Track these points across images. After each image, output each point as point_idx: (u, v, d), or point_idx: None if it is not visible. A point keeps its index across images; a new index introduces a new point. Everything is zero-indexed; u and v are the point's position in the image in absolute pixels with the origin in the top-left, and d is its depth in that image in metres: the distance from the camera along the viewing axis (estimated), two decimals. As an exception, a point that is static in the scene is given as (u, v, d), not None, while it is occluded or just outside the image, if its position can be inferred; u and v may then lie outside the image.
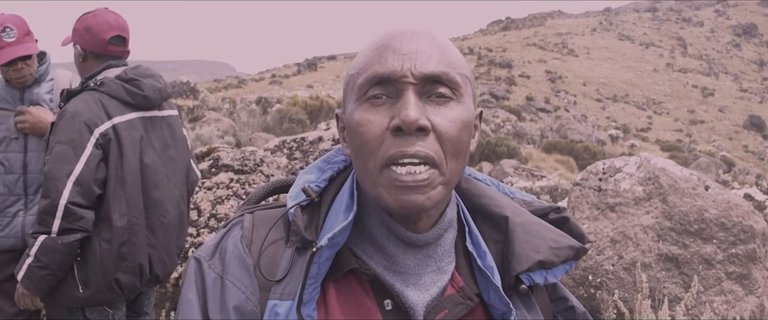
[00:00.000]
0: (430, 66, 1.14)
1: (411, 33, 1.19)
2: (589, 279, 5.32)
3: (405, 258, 1.21)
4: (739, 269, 5.20)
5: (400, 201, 1.11)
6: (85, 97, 3.27)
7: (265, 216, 1.27)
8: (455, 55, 1.21)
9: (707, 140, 49.24)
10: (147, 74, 3.47)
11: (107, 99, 3.29)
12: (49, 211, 3.09)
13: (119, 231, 3.25)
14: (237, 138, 14.73)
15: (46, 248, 3.10)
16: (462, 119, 1.16)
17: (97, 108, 3.24)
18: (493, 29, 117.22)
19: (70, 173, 3.09)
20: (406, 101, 1.11)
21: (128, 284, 3.34)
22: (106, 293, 3.28)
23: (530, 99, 45.64)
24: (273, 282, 1.17)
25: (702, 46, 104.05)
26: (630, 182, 5.56)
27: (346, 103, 1.23)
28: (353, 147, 1.18)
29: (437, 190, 1.13)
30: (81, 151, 3.13)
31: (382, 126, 1.13)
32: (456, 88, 1.16)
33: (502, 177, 15.07)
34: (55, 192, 3.07)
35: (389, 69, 1.14)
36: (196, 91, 22.36)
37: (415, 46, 1.16)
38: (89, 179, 3.12)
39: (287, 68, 76.90)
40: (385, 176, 1.12)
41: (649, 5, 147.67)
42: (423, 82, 1.14)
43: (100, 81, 3.33)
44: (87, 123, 3.17)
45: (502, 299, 1.21)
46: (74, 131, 3.15)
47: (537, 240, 1.26)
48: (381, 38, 1.20)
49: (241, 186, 5.55)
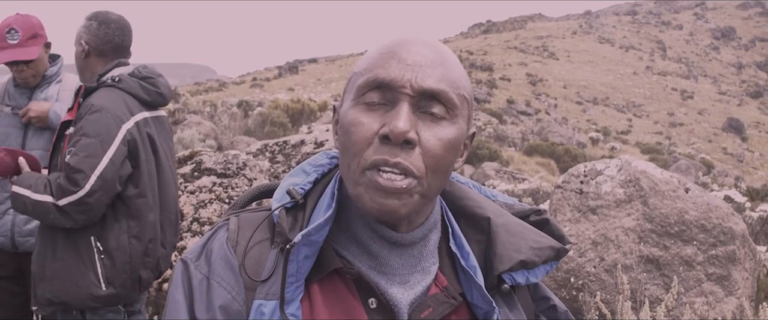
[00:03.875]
0: (430, 81, 1.15)
1: (420, 44, 1.20)
2: (571, 281, 5.35)
3: (390, 258, 1.22)
4: (719, 270, 5.24)
5: (378, 203, 1.13)
6: (108, 94, 3.24)
7: (251, 219, 1.29)
8: (458, 73, 1.21)
9: (687, 142, 49.58)
10: (157, 73, 3.48)
11: (127, 96, 3.28)
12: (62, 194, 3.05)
13: (150, 227, 3.27)
14: (218, 141, 14.69)
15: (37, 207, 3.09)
16: (451, 139, 1.17)
17: (122, 104, 3.23)
18: (474, 32, 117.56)
19: (95, 166, 3.05)
20: (399, 111, 1.13)
21: (147, 281, 3.35)
22: (130, 291, 3.26)
23: (511, 102, 45.78)
24: (258, 282, 1.19)
25: (681, 49, 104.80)
26: (611, 184, 5.60)
27: (345, 99, 1.24)
28: (342, 142, 1.20)
29: (414, 199, 1.15)
30: (108, 145, 3.10)
31: (372, 130, 1.14)
32: (452, 107, 1.17)
33: (484, 180, 15.12)
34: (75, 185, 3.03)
35: (390, 76, 1.15)
36: (177, 95, 22.29)
37: (420, 58, 1.17)
38: (113, 176, 3.10)
39: (268, 71, 76.77)
40: (366, 177, 1.13)
41: (628, 8, 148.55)
42: (420, 96, 1.15)
43: (118, 77, 3.30)
44: (115, 119, 3.15)
45: (485, 298, 1.23)
46: (102, 125, 3.11)
47: (518, 240, 1.28)
48: (390, 43, 1.21)
49: (223, 190, 5.54)
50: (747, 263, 5.45)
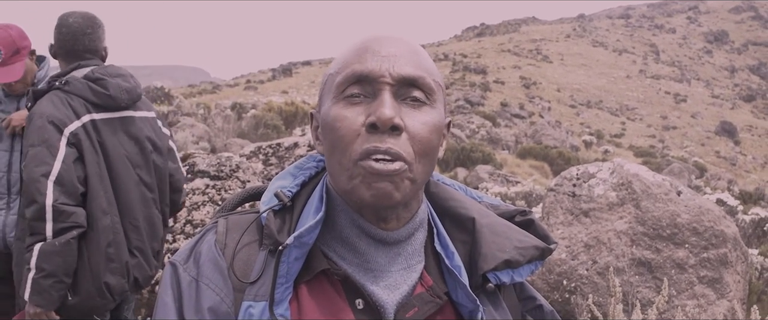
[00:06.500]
0: (407, 69, 1.20)
1: (390, 38, 1.25)
2: (564, 283, 5.35)
3: (376, 256, 1.24)
4: (710, 273, 5.26)
5: (374, 189, 1.15)
6: (51, 97, 3.23)
7: (239, 221, 1.30)
8: (430, 62, 1.27)
9: (680, 146, 49.67)
10: (115, 74, 3.41)
11: (73, 98, 3.25)
12: (37, 217, 3.02)
13: (105, 230, 3.20)
14: (212, 144, 14.66)
15: (46, 254, 3.02)
16: (434, 123, 1.22)
17: (65, 107, 3.20)
18: (468, 35, 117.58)
19: (48, 173, 3.02)
20: (383, 100, 1.17)
21: (117, 286, 3.27)
22: (96, 299, 3.21)
23: (505, 105, 45.77)
24: (247, 283, 1.20)
25: (674, 53, 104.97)
26: (604, 187, 5.61)
27: (322, 102, 1.28)
28: (328, 142, 1.22)
29: (406, 184, 1.17)
30: (55, 150, 3.07)
31: (358, 122, 1.17)
32: (430, 93, 1.23)
33: (478, 182, 15.13)
34: (38, 194, 3.00)
35: (368, 68, 1.19)
36: (170, 97, 22.25)
37: (394, 49, 1.22)
38: (70, 177, 3.07)
39: (262, 73, 76.65)
40: (360, 166, 1.16)
41: (622, 12, 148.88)
42: (399, 84, 1.20)
43: (66, 80, 3.29)
44: (56, 123, 3.13)
45: (470, 297, 1.24)
46: (45, 131, 3.09)
47: (503, 240, 1.30)
48: (361, 41, 1.26)
49: (216, 192, 5.53)
50: (739, 266, 5.47)
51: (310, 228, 1.19)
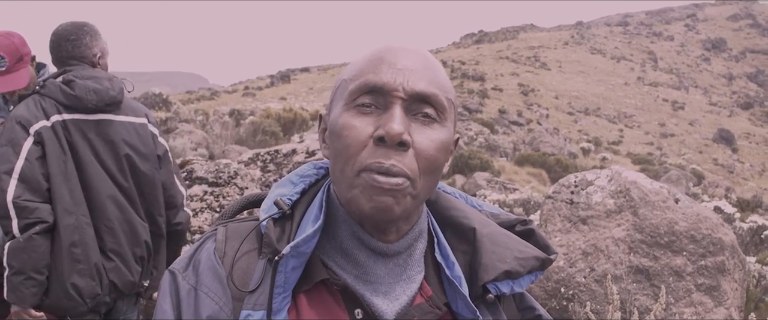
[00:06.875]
0: (421, 85, 1.19)
1: (408, 50, 1.23)
2: (562, 291, 5.35)
3: (375, 268, 1.23)
4: (708, 281, 5.26)
5: (374, 202, 1.14)
6: (27, 101, 3.29)
7: (239, 229, 1.29)
8: (445, 79, 1.25)
9: (677, 153, 49.69)
10: (88, 76, 3.37)
11: (46, 100, 3.29)
12: (3, 214, 3.06)
13: (68, 229, 3.18)
14: (210, 150, 14.65)
15: (13, 251, 3.07)
16: (442, 141, 1.20)
17: (36, 109, 3.24)
18: (466, 42, 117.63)
19: (11, 170, 3.08)
20: (393, 114, 1.16)
21: (87, 289, 3.23)
22: (63, 300, 3.19)
23: (503, 112, 45.78)
24: (246, 292, 1.19)
25: (672, 60, 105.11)
26: (601, 195, 5.61)
27: (333, 106, 1.26)
28: (334, 149, 1.21)
29: (407, 200, 1.16)
30: (20, 148, 3.13)
31: (366, 133, 1.16)
32: (442, 111, 1.21)
33: (475, 189, 15.12)
34: (1, 192, 3.05)
35: (382, 80, 1.18)
36: (168, 103, 22.25)
37: (410, 63, 1.21)
38: (34, 174, 3.11)
39: (260, 80, 76.72)
40: (362, 178, 1.15)
41: (620, 19, 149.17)
42: (412, 99, 1.18)
43: (43, 83, 3.33)
44: (22, 123, 3.18)
45: (470, 308, 1.24)
46: (13, 132, 3.16)
47: (503, 250, 1.29)
48: (378, 50, 1.24)
49: (215, 198, 5.53)
50: (736, 274, 5.47)
51: (308, 237, 1.18)
